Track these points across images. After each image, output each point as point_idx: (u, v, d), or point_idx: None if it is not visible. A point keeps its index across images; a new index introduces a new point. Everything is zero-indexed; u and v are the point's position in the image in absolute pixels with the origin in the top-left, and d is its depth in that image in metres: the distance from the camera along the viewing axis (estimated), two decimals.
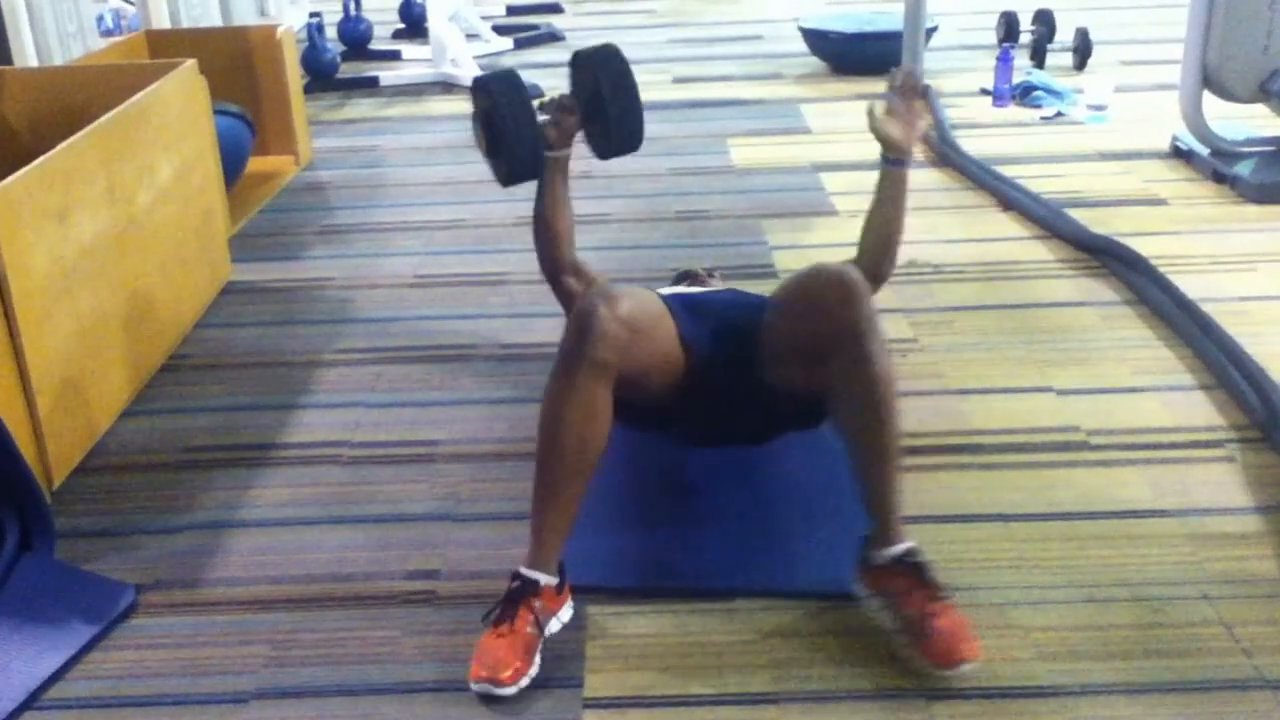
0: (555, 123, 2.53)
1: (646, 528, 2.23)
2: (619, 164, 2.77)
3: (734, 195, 4.13)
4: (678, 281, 2.86)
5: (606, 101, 2.50)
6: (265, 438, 2.63)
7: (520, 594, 1.89)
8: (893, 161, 2.38)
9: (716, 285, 2.87)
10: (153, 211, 2.96)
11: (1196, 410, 2.67)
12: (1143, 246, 3.41)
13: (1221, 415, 2.65)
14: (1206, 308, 3.05)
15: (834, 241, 3.67)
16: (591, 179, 4.29)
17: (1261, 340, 2.91)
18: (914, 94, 2.35)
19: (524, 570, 1.92)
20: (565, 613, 1.97)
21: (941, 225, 3.80)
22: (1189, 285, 3.18)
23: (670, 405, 2.11)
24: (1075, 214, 3.76)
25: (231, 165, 3.83)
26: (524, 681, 1.82)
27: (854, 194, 4.09)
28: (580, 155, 2.64)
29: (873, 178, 2.41)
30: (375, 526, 2.30)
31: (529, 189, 2.60)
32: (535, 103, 2.53)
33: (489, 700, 1.83)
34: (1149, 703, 1.82)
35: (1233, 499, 2.34)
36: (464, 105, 5.41)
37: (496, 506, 2.35)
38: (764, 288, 3.25)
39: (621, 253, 3.58)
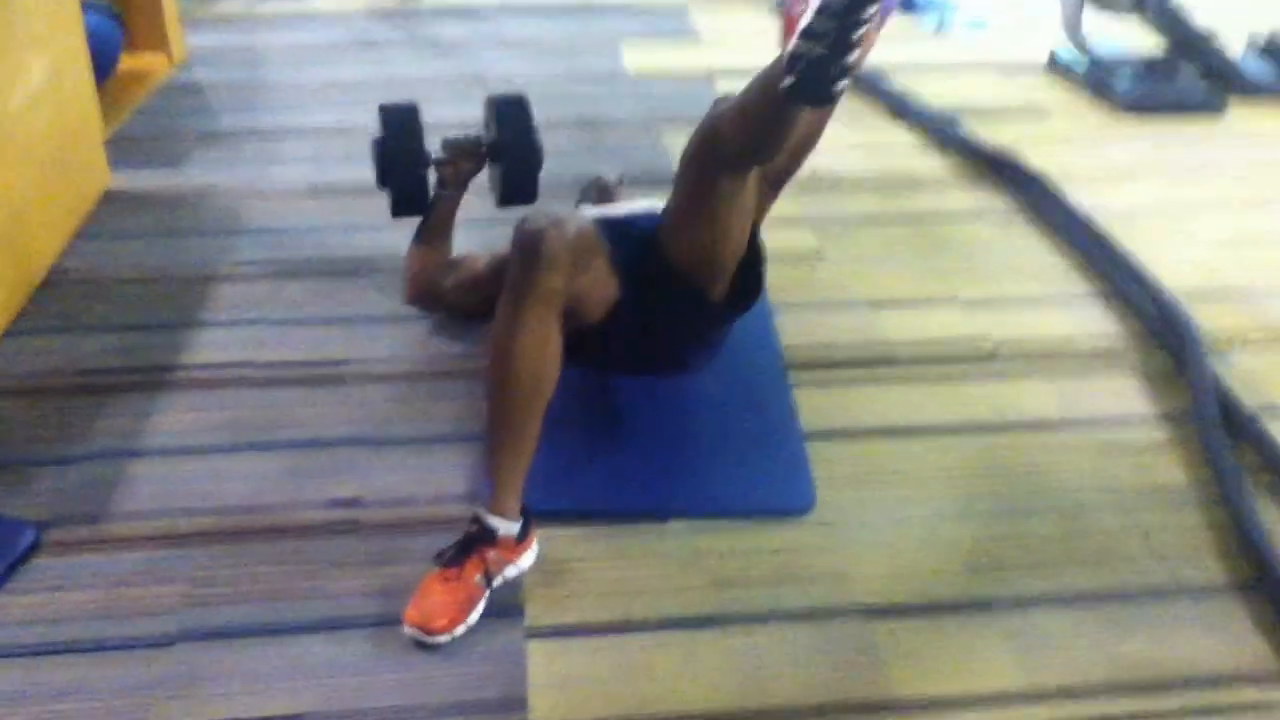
0: (451, 162, 2.46)
1: (574, 452, 2.14)
2: (513, 67, 2.65)
3: (630, 101, 4.00)
4: (587, 190, 2.75)
5: (503, 153, 2.49)
6: (163, 359, 2.46)
7: (475, 541, 1.79)
8: None
9: (625, 195, 2.76)
10: (23, 116, 2.71)
11: (1095, 320, 2.69)
12: (1028, 157, 3.41)
13: (1120, 325, 2.67)
14: (1095, 218, 3.06)
15: None
16: (485, 83, 4.11)
17: (1150, 250, 2.94)
18: None
19: (483, 515, 1.81)
20: (526, 559, 1.86)
21: (836, 135, 3.72)
22: (1076, 195, 3.20)
23: (599, 333, 2.01)
24: (961, 122, 3.74)
25: (102, 64, 3.54)
26: (458, 631, 1.74)
27: None
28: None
29: None
30: (289, 453, 2.17)
31: None
32: (441, 141, 2.53)
33: None
34: (1078, 613, 1.83)
35: (1135, 408, 2.36)
36: (350, 3, 5.12)
37: (415, 430, 2.23)
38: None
39: None
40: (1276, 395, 2.39)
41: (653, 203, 2.49)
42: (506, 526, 1.81)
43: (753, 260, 2.07)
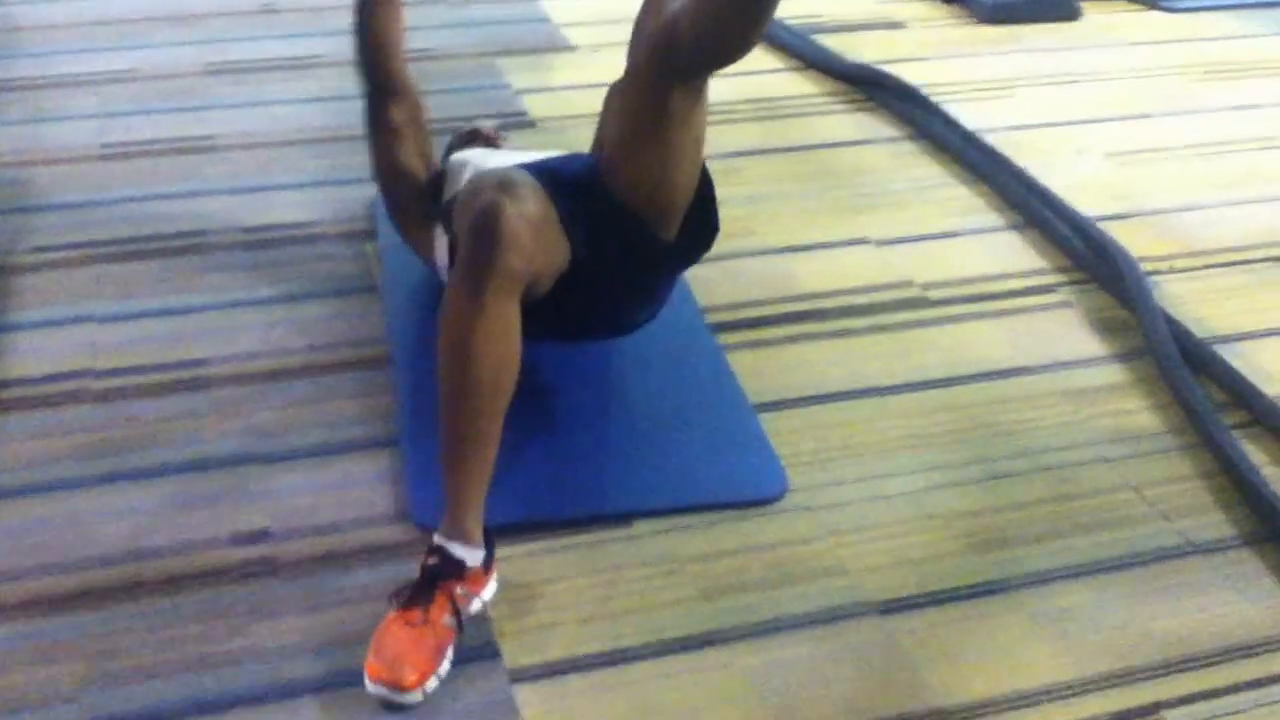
0: None
1: (510, 453, 1.96)
2: None
3: (454, 30, 3.77)
4: (465, 143, 2.54)
5: None
6: None
7: (440, 576, 1.61)
8: None
9: (508, 147, 2.58)
10: None
11: (1017, 252, 2.68)
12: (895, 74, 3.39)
13: (1042, 256, 2.67)
14: (987, 139, 3.06)
15: (585, 81, 3.43)
16: (282, 15, 3.81)
17: (1047, 170, 2.96)
18: None
19: (445, 544, 1.63)
20: (489, 590, 1.70)
21: None
22: (955, 114, 3.19)
23: (545, 301, 1.84)
24: (819, 41, 3.68)
25: None
26: (431, 685, 1.56)
27: (585, 24, 3.85)
28: None
29: (600, 6, 2.13)
30: (168, 480, 1.92)
31: None
32: None
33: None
34: (1098, 585, 1.80)
35: (1087, 348, 2.36)
36: None
37: (313, 438, 2.02)
38: (526, 139, 3.00)
39: (341, 104, 3.17)
40: (1219, 323, 2.43)
41: (552, 152, 2.32)
42: (473, 555, 1.65)
43: (704, 197, 1.95)
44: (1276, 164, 3.09)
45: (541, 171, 1.89)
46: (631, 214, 1.88)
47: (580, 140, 2.54)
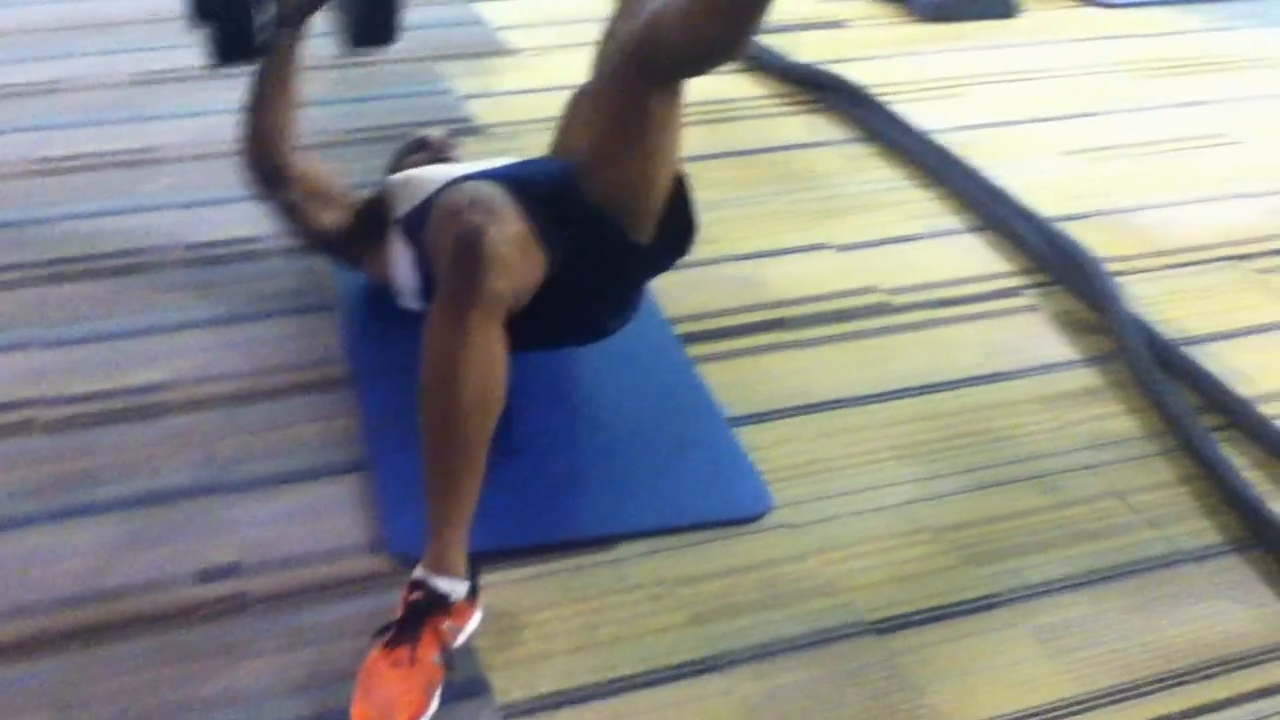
0: None
1: (485, 478, 1.89)
2: None
3: None
4: (413, 152, 2.47)
5: None
6: None
7: (425, 611, 1.54)
8: None
9: (458, 155, 2.51)
10: None
11: (978, 256, 2.67)
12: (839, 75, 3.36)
13: (1003, 259, 2.65)
14: (941, 140, 3.05)
15: (530, 86, 3.37)
16: None
17: (1002, 170, 2.94)
18: None
19: (429, 578, 1.56)
20: (474, 622, 1.62)
21: None
22: (905, 114, 3.17)
23: (520, 314, 1.78)
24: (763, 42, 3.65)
25: None
26: None
27: (523, 27, 3.79)
28: None
29: (537, 7, 2.08)
30: (126, 514, 1.83)
31: None
32: None
33: None
34: (1093, 596, 1.78)
35: (1058, 352, 2.34)
36: None
37: (279, 465, 1.94)
38: (477, 147, 2.93)
39: None
40: (1187, 324, 2.42)
41: (510, 159, 2.26)
42: (457, 587, 1.58)
43: (679, 199, 1.90)
44: (1228, 161, 3.11)
45: (509, 181, 1.82)
46: (609, 219, 1.83)
47: (531, 146, 2.47)
